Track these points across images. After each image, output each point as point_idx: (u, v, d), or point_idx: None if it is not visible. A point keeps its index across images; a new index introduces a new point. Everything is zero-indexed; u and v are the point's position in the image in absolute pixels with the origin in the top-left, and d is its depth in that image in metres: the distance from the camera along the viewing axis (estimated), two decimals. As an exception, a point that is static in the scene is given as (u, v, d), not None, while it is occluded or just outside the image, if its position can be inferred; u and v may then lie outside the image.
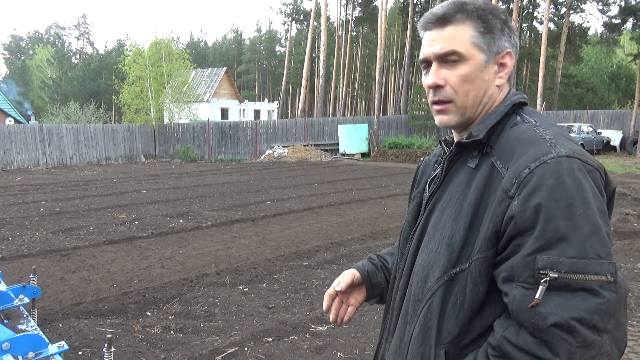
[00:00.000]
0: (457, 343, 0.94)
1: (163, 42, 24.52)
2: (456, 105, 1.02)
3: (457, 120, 1.04)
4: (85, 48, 72.85)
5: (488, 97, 1.03)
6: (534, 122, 0.98)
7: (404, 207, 9.48)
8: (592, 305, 0.80)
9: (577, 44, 37.12)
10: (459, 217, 0.96)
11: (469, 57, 1.00)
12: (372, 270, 1.29)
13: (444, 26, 1.02)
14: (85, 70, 62.58)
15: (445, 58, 1.01)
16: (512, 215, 0.87)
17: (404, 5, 40.24)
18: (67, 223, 7.88)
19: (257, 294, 4.67)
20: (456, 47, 1.00)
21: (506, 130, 0.99)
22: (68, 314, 4.11)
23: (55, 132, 19.85)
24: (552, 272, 0.81)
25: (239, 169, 18.41)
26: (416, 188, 1.20)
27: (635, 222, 7.67)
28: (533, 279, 0.83)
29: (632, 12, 26.74)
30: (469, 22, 1.01)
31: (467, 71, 1.00)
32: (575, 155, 0.87)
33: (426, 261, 1.00)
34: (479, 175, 0.97)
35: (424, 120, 25.97)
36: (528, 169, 0.87)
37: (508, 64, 1.03)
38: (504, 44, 1.02)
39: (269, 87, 69.95)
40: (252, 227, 7.68)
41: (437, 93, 1.03)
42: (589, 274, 0.81)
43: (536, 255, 0.83)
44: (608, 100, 37.74)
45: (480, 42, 1.00)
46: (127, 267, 5.57)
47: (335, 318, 1.27)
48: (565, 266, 0.81)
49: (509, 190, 0.88)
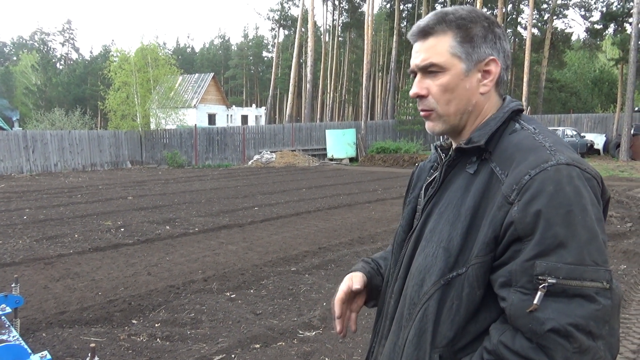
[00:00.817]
0: (452, 347, 0.95)
1: (149, 48, 24.39)
2: (438, 114, 1.04)
3: (441, 128, 1.06)
4: (70, 54, 72.18)
5: (473, 105, 1.04)
6: (533, 130, 0.99)
7: (391, 211, 9.51)
8: (588, 311, 0.81)
9: (561, 49, 37.69)
10: (457, 221, 0.97)
11: (448, 67, 1.01)
12: (372, 273, 1.30)
13: (426, 38, 1.04)
14: (70, 76, 61.91)
15: (427, 69, 1.04)
16: (511, 220, 0.87)
17: (390, 11, 40.55)
18: (52, 231, 7.77)
19: (244, 300, 4.64)
20: (434, 59, 1.02)
21: (505, 136, 1.00)
22: (52, 323, 4.04)
23: (39, 138, 19.59)
24: (551, 278, 0.82)
25: (226, 174, 18.33)
26: (411, 193, 1.21)
27: (618, 224, 7.78)
28: (531, 284, 0.84)
29: (613, 18, 27.30)
30: (450, 32, 1.02)
31: (447, 81, 1.02)
32: (574, 163, 0.89)
33: (423, 265, 1.01)
34: (477, 180, 0.98)
35: (411, 125, 26.16)
36: (528, 175, 0.88)
37: (493, 71, 1.03)
38: (486, 51, 1.02)
39: (256, 92, 69.90)
40: (239, 233, 7.64)
41: (421, 102, 1.06)
42: (586, 281, 0.82)
43: (535, 261, 0.84)
44: (591, 104, 38.36)
45: (458, 51, 1.01)
46: (112, 274, 5.51)
47: (342, 328, 1.25)
48: (563, 272, 0.82)
49: (509, 196, 0.89)
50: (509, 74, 1.07)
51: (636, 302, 4.59)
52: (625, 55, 23.04)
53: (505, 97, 1.08)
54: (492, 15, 21.46)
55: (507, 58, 1.05)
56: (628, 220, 7.98)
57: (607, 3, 29.96)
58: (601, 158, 22.28)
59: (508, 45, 1.06)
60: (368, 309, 1.14)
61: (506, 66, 1.05)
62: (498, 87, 1.06)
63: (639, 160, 20.47)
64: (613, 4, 29.28)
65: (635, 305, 4.49)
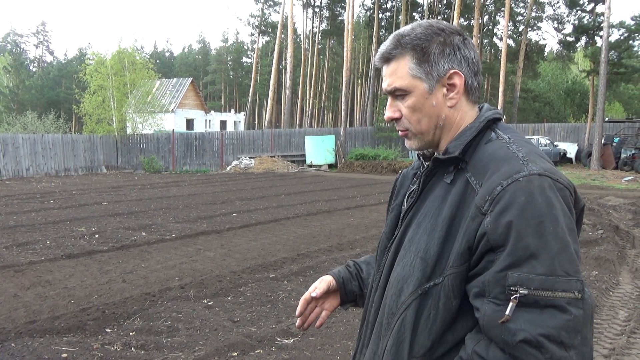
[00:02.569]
0: (430, 356, 0.95)
1: (126, 52, 24.05)
2: (412, 132, 1.07)
3: (418, 145, 1.09)
4: (45, 56, 70.56)
5: (443, 120, 1.05)
6: (507, 139, 1.00)
7: (370, 218, 9.56)
8: (559, 321, 0.82)
9: (535, 60, 38.66)
10: (434, 231, 0.98)
11: (411, 89, 1.04)
12: (348, 277, 1.33)
13: (388, 63, 1.07)
14: (44, 79, 60.53)
15: (394, 93, 1.06)
16: (484, 232, 0.88)
17: (370, 20, 40.95)
18: (22, 237, 7.55)
19: (222, 307, 4.58)
20: (397, 83, 1.05)
21: (481, 146, 1.01)
22: (22, 333, 3.92)
23: (10, 142, 19.07)
24: (522, 289, 0.83)
25: (204, 180, 18.15)
26: (394, 200, 1.21)
27: (590, 231, 7.97)
28: (504, 295, 0.85)
29: (584, 31, 28.13)
30: (407, 55, 1.04)
31: (413, 102, 1.04)
32: (546, 174, 0.89)
33: (401, 274, 1.01)
34: (453, 190, 0.99)
35: (389, 132, 26.38)
36: (500, 186, 0.89)
37: (457, 83, 1.03)
38: (445, 66, 1.02)
39: (235, 98, 69.52)
40: (217, 239, 7.56)
41: (397, 124, 1.10)
42: (558, 291, 0.83)
43: (507, 272, 0.85)
44: (564, 114, 39.38)
45: (417, 72, 1.03)
46: (86, 282, 5.38)
47: (301, 324, 1.30)
48: (535, 283, 0.83)
49: (481, 206, 0.90)
50: (479, 78, 1.06)
51: (607, 307, 4.70)
52: (596, 67, 23.75)
53: (482, 106, 1.09)
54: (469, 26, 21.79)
55: (472, 65, 1.05)
56: (599, 228, 8.18)
57: (579, 17, 30.86)
58: (573, 167, 22.87)
59: (472, 51, 1.05)
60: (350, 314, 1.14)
61: (473, 73, 1.05)
62: (469, 95, 1.06)
63: (609, 169, 21.07)
64: (585, 17, 30.18)
65: (606, 311, 4.60)
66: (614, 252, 6.60)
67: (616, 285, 5.38)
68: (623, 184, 16.65)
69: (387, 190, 14.38)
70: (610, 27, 21.51)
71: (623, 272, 5.91)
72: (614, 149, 21.69)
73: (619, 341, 3.88)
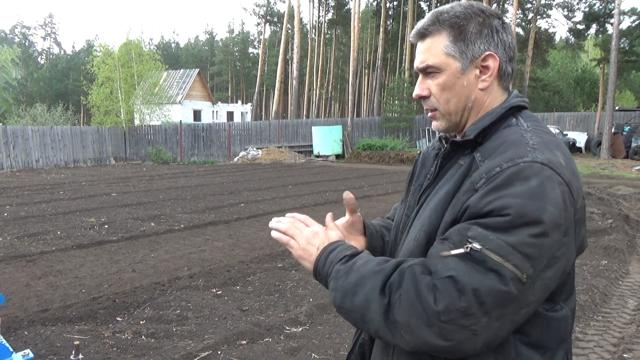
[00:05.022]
0: None
1: (133, 43, 24.07)
2: (440, 112, 1.07)
3: (445, 126, 1.08)
4: (52, 48, 70.79)
5: (472, 102, 1.04)
6: (526, 127, 0.99)
7: (377, 208, 9.55)
8: (494, 287, 0.81)
9: (544, 49, 38.14)
10: (437, 205, 0.99)
11: (444, 67, 1.03)
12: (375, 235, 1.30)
13: (423, 39, 1.06)
14: (52, 71, 60.77)
15: (426, 70, 1.05)
16: (468, 205, 0.89)
17: (377, 9, 40.60)
18: (33, 228, 7.64)
19: (230, 296, 4.62)
20: (430, 60, 1.04)
21: (499, 130, 1.01)
22: (34, 321, 3.98)
23: (20, 134, 19.22)
24: (477, 244, 0.83)
25: (212, 171, 18.21)
26: (416, 181, 1.19)
27: (599, 221, 7.92)
28: (460, 243, 0.86)
29: (595, 19, 27.72)
30: (444, 32, 1.02)
31: (444, 80, 1.03)
32: (549, 165, 0.88)
33: (407, 249, 1.03)
34: (461, 169, 1.00)
35: (396, 122, 26.27)
36: (500, 167, 0.89)
37: (491, 66, 1.02)
38: (482, 47, 1.01)
39: (242, 88, 69.46)
40: (225, 230, 7.60)
41: (425, 102, 1.09)
42: (509, 262, 0.82)
43: (472, 226, 0.86)
44: (573, 103, 39.00)
45: (452, 50, 1.02)
46: (96, 272, 5.44)
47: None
48: (492, 244, 0.83)
49: (475, 182, 0.91)
50: (514, 65, 1.05)
51: (617, 296, 4.68)
52: (606, 56, 23.42)
53: (512, 92, 1.08)
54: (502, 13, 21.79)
55: (509, 49, 1.04)
56: (609, 217, 8.12)
57: (590, 4, 30.38)
58: (583, 156, 22.65)
59: (510, 36, 1.04)
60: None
61: (509, 58, 1.04)
62: (502, 80, 1.05)
63: (619, 158, 20.86)
64: (595, 5, 29.70)
65: (615, 300, 4.58)
66: (624, 242, 6.55)
67: (626, 275, 5.35)
68: (633, 173, 16.48)
69: (394, 181, 14.35)
70: (621, 14, 21.14)
71: (633, 262, 5.87)
72: (624, 137, 21.43)
73: (628, 330, 3.86)
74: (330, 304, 4.33)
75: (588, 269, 5.44)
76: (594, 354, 3.48)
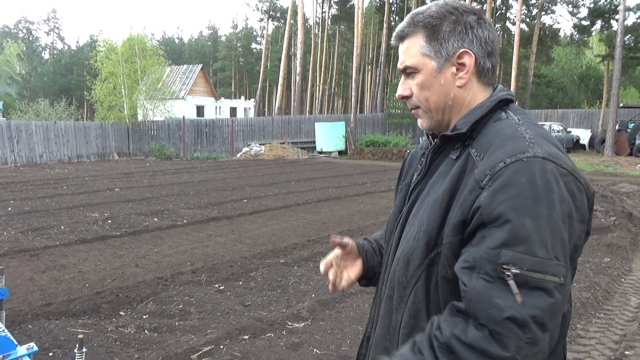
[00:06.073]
0: None
1: (137, 38, 24.07)
2: (422, 110, 1.09)
3: (428, 124, 1.10)
4: (56, 43, 70.80)
5: (452, 99, 1.05)
6: (517, 120, 0.99)
7: (380, 204, 9.55)
8: (546, 304, 0.82)
9: (548, 45, 37.97)
10: (435, 204, 0.99)
11: (420, 67, 1.05)
12: (371, 252, 1.31)
13: (402, 41, 1.09)
14: (55, 66, 60.86)
15: (405, 71, 1.08)
16: (479, 205, 0.88)
17: (380, 5, 40.49)
18: (37, 222, 7.68)
19: (233, 292, 4.64)
20: (408, 61, 1.06)
21: (489, 124, 1.01)
22: (38, 315, 4.01)
23: (24, 129, 19.27)
24: (515, 269, 0.83)
25: (215, 166, 18.24)
26: (403, 180, 1.22)
27: (602, 218, 7.90)
28: (495, 272, 0.84)
29: (600, 15, 27.57)
30: (419, 33, 1.05)
31: (422, 80, 1.06)
32: (550, 158, 0.89)
33: (406, 249, 1.03)
34: (456, 164, 1.00)
35: (400, 118, 26.21)
36: (503, 162, 0.89)
37: (467, 63, 1.02)
38: (455, 45, 1.02)
39: (245, 84, 69.39)
40: (228, 225, 7.62)
41: (408, 102, 1.11)
42: (548, 274, 0.83)
43: (501, 250, 0.84)
44: (577, 99, 38.79)
45: (427, 50, 1.04)
46: (99, 266, 5.47)
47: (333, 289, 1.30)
48: (528, 264, 0.83)
49: (481, 180, 0.90)
50: (494, 59, 1.05)
51: (619, 294, 4.68)
52: (611, 52, 23.30)
53: (496, 87, 1.08)
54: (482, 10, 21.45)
55: (485, 45, 1.03)
56: (612, 214, 8.10)
57: (595, 0, 30.21)
58: (586, 153, 22.57)
59: (487, 31, 1.04)
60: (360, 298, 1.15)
61: (487, 53, 1.04)
62: (481, 76, 1.05)
63: (623, 156, 20.78)
64: (600, 1, 29.53)
65: (618, 297, 4.58)
66: (627, 239, 6.54)
67: (628, 272, 5.34)
68: (637, 170, 16.42)
69: (397, 177, 14.33)
70: (626, 10, 21.01)
71: (636, 259, 5.87)
72: (628, 135, 21.33)
73: (630, 327, 3.87)
74: (333, 299, 4.35)
75: (590, 266, 5.44)
76: (596, 351, 3.48)
